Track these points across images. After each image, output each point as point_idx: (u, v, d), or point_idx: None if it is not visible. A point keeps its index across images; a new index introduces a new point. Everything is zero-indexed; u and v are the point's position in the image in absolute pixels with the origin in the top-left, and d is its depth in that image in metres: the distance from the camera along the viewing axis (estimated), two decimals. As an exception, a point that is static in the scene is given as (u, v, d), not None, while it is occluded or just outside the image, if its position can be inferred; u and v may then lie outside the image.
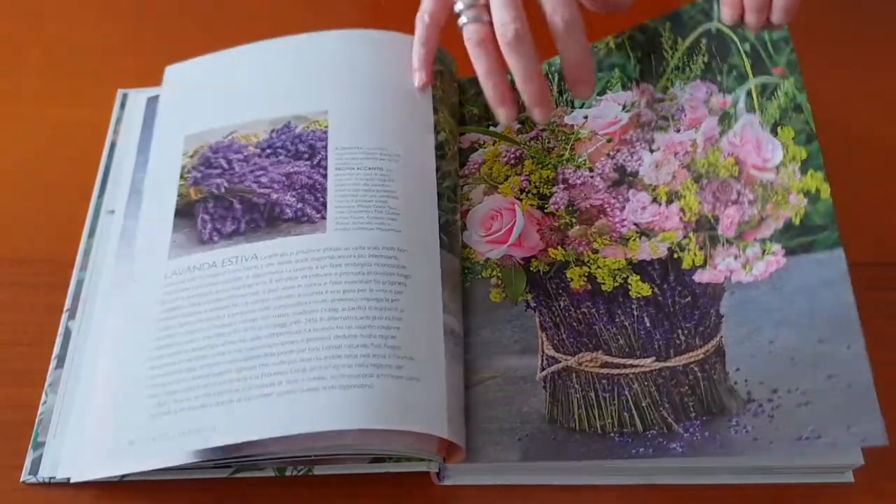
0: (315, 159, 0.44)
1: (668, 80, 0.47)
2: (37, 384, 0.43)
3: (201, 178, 0.44)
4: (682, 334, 0.42)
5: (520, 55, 0.44)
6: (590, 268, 0.44)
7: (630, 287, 0.43)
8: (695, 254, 0.43)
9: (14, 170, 0.52)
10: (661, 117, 0.47)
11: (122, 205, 0.48)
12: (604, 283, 0.44)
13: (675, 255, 0.43)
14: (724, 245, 0.43)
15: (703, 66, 0.46)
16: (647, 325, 0.42)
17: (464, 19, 0.45)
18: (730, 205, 0.43)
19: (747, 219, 0.43)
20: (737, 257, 0.42)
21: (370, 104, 0.47)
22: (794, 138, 0.42)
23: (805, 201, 0.41)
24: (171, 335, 0.40)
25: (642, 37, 0.49)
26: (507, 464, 0.40)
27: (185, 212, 0.44)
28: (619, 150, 0.47)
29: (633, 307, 0.43)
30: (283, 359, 0.38)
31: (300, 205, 0.43)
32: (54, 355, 0.44)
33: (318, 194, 0.43)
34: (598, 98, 0.49)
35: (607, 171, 0.47)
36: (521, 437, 0.40)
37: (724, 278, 0.42)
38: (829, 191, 0.41)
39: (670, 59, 0.47)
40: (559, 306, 0.43)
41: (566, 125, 0.49)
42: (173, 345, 0.40)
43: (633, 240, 0.44)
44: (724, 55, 0.45)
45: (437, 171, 0.45)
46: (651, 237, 0.44)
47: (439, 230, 0.43)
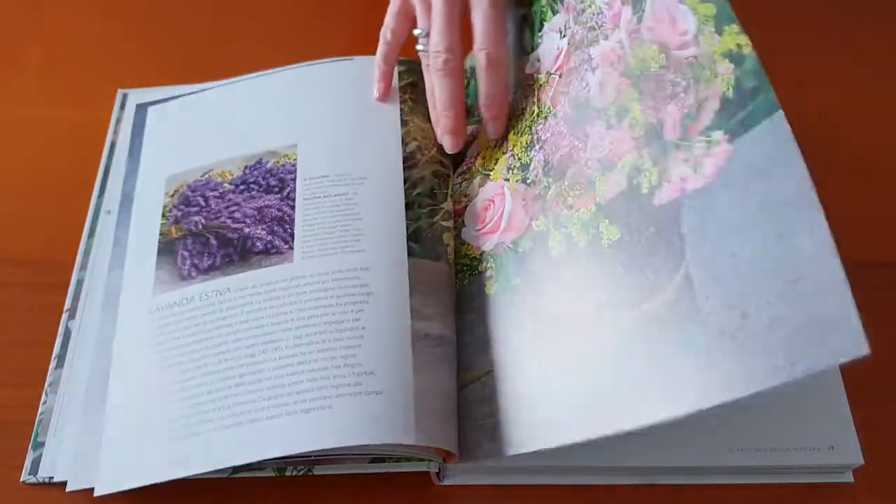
0: (284, 192, 0.46)
1: None
2: (37, 384, 0.43)
3: (181, 217, 0.46)
4: (650, 273, 0.37)
5: (444, 84, 0.46)
6: (567, 227, 0.41)
7: (602, 235, 0.39)
8: (650, 173, 0.38)
9: (14, 170, 0.52)
10: (589, 29, 0.43)
11: (115, 211, 0.49)
12: (579, 241, 0.40)
13: (634, 181, 0.39)
14: (673, 151, 0.37)
15: None
16: (621, 271, 0.38)
17: (420, 46, 0.48)
18: (668, 102, 0.38)
19: (686, 111, 0.37)
20: (686, 161, 0.36)
21: (336, 132, 0.49)
22: None
23: (731, 66, 0.36)
24: (157, 369, 0.42)
25: None
26: (506, 464, 0.40)
27: (166, 250, 0.46)
28: (570, 83, 0.44)
29: (608, 257, 0.39)
30: (250, 388, 0.40)
31: (270, 237, 0.44)
32: (54, 355, 0.44)
33: (287, 226, 0.45)
34: (539, 35, 0.47)
35: (567, 110, 0.43)
36: (507, 425, 0.39)
37: (680, 191, 0.36)
38: (750, 44, 0.35)
39: None
40: (544, 283, 0.42)
41: (528, 76, 0.48)
42: (159, 378, 0.41)
43: (599, 179, 0.40)
44: None
45: (406, 181, 0.46)
46: (612, 170, 0.40)
47: (408, 240, 0.44)
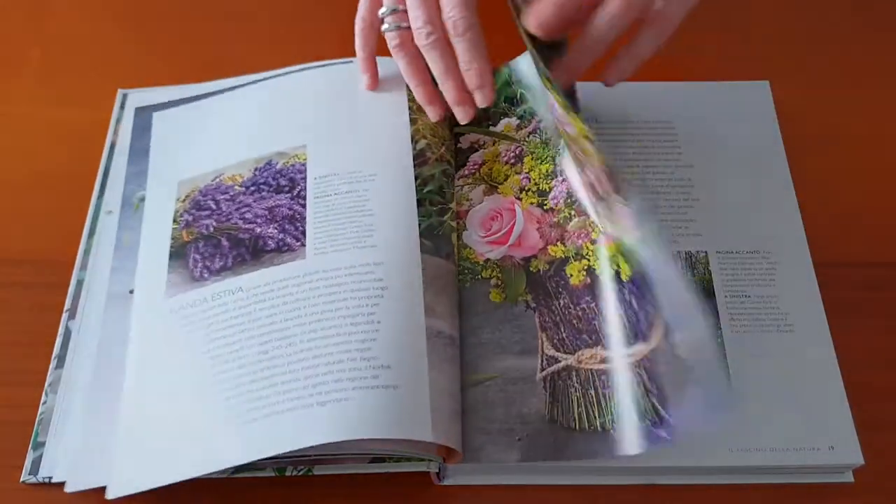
0: (295, 191, 0.46)
1: None
2: (37, 384, 0.43)
3: (192, 221, 0.47)
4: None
5: (433, 57, 0.45)
6: (588, 260, 0.44)
7: (621, 270, 0.42)
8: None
9: (14, 170, 0.52)
10: None
11: (116, 212, 0.49)
12: (602, 274, 0.43)
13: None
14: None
15: None
16: (635, 306, 0.41)
17: (385, 26, 0.47)
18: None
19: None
20: None
21: (345, 131, 0.49)
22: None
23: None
24: (170, 370, 0.42)
25: None
26: (506, 464, 0.40)
27: (178, 253, 0.46)
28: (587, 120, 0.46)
29: (626, 292, 0.41)
30: (265, 384, 0.40)
31: (281, 235, 0.45)
32: (54, 355, 0.44)
33: (298, 224, 0.45)
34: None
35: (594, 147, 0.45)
36: (521, 437, 0.40)
37: None
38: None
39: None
40: (559, 305, 0.43)
41: (552, 106, 0.48)
42: (174, 380, 0.41)
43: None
44: None
45: (417, 178, 0.46)
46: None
47: (420, 236, 0.44)
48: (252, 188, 0.47)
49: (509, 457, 0.40)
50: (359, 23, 0.49)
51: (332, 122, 0.49)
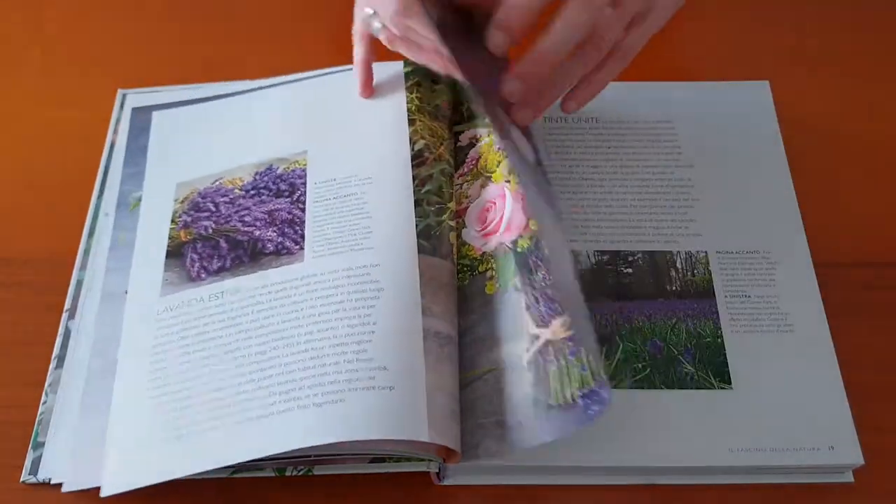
0: (295, 195, 0.47)
1: None
2: (37, 384, 0.43)
3: (191, 222, 0.47)
4: None
5: (417, 27, 0.44)
6: None
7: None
8: None
9: (14, 170, 0.52)
10: None
11: (111, 213, 0.49)
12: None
13: None
14: None
15: None
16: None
17: (375, 25, 0.47)
18: None
19: None
20: None
21: (344, 137, 0.50)
22: None
23: None
24: (163, 368, 0.42)
25: None
26: (506, 464, 0.40)
27: (175, 252, 0.46)
28: None
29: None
30: (262, 384, 0.40)
31: (280, 238, 0.45)
32: (54, 355, 0.44)
33: (297, 227, 0.45)
34: None
35: None
36: (513, 425, 0.40)
37: None
38: None
39: None
40: (538, 279, 0.43)
41: None
42: (166, 377, 0.42)
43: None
44: None
45: (415, 179, 0.46)
46: None
47: (418, 237, 0.44)
48: (252, 192, 0.48)
49: (502, 448, 0.39)
50: (354, 34, 0.50)
51: (331, 128, 0.50)
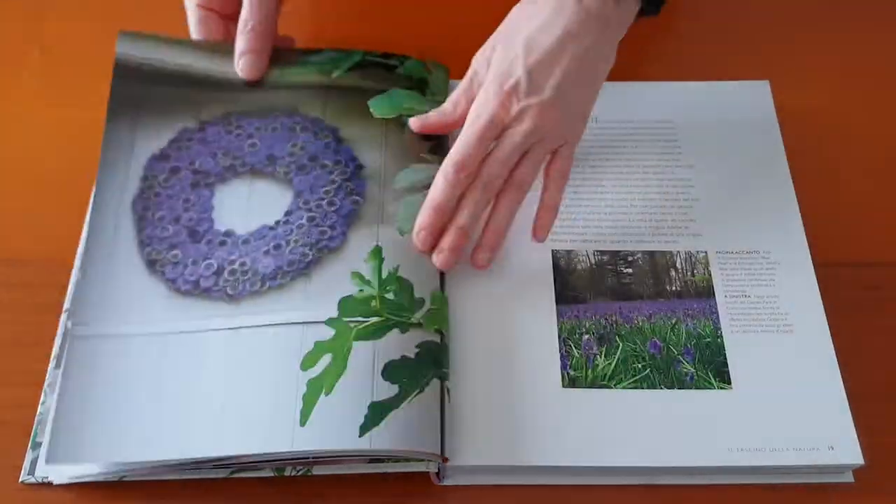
0: None
1: None
2: (36, 384, 0.43)
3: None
4: None
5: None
6: None
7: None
8: None
9: (13, 170, 0.52)
10: None
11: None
12: None
13: None
14: None
15: None
16: None
17: None
18: None
19: None
20: None
21: None
22: None
23: None
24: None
25: None
26: (506, 464, 0.40)
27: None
28: None
29: None
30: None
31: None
32: (53, 355, 0.44)
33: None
34: None
35: None
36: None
37: None
38: None
39: None
40: None
41: None
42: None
43: None
44: None
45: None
46: None
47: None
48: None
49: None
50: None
51: None
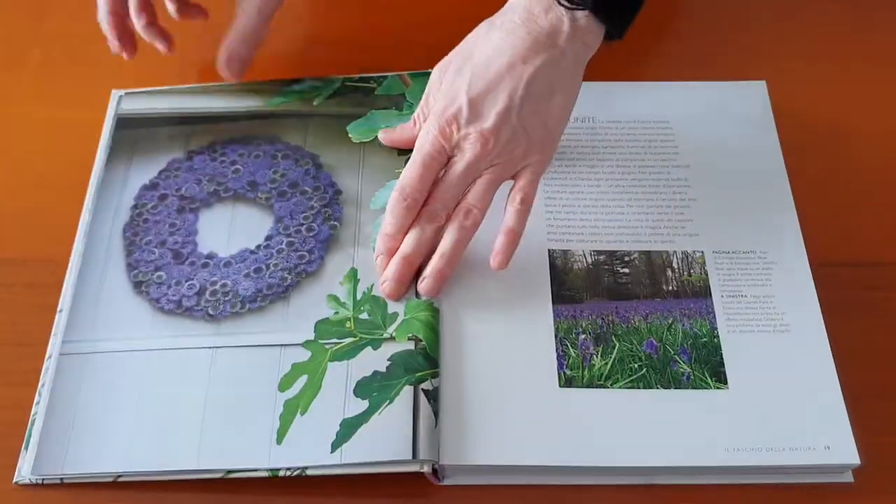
0: None
1: None
2: (31, 384, 0.43)
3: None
4: None
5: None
6: None
7: None
8: None
9: (12, 169, 0.52)
10: None
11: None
12: None
13: None
14: None
15: None
16: None
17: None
18: None
19: None
20: None
21: None
22: None
23: None
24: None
25: None
26: (506, 464, 0.40)
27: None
28: None
29: None
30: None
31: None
32: (48, 355, 0.44)
33: None
34: None
35: None
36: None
37: None
38: None
39: None
40: None
41: None
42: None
43: None
44: None
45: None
46: None
47: None
48: None
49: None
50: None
51: None
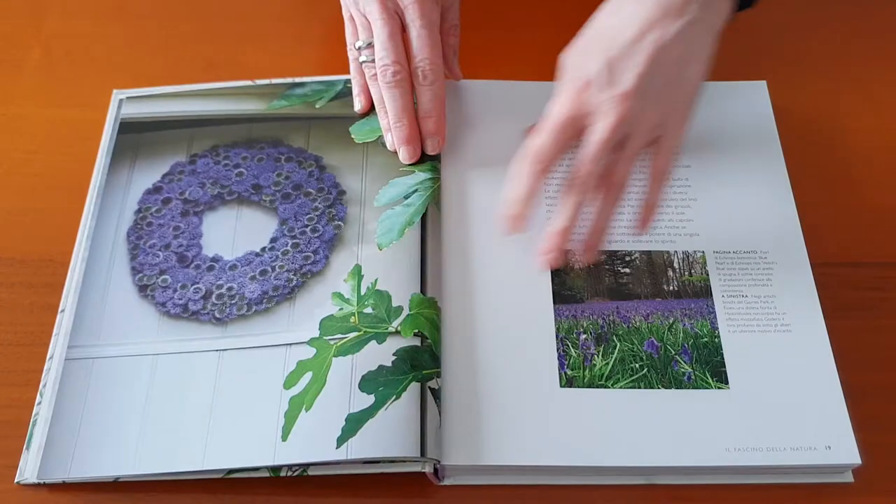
0: None
1: None
2: (31, 384, 0.43)
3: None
4: None
5: (394, 95, 0.48)
6: None
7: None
8: None
9: (13, 170, 0.52)
10: None
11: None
12: None
13: None
14: None
15: None
16: None
17: (362, 58, 0.49)
18: None
19: None
20: None
21: None
22: None
23: None
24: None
25: None
26: (506, 464, 0.40)
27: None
28: None
29: None
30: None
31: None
32: (49, 356, 0.44)
33: None
34: None
35: None
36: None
37: None
38: None
39: None
40: None
41: None
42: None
43: None
44: None
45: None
46: None
47: None
48: None
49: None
50: (349, 52, 0.51)
51: None
